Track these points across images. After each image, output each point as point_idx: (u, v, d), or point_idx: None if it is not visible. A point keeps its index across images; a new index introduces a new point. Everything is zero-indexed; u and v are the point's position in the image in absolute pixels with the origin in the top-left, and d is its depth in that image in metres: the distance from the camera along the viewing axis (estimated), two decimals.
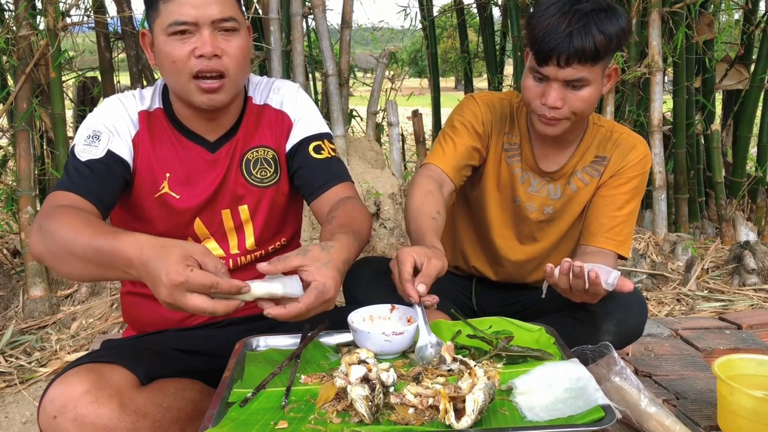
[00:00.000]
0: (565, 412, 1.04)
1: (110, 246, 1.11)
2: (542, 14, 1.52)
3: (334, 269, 1.18)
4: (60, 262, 1.20)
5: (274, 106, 1.55)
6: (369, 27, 4.95)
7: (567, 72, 1.51)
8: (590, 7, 1.49)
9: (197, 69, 1.35)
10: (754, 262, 3.07)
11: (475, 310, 1.91)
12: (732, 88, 3.92)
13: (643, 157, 1.73)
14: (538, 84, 1.57)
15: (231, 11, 1.37)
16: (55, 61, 2.83)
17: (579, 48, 1.48)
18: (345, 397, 1.06)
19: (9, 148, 3.37)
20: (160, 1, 1.35)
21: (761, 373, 1.51)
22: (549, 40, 1.48)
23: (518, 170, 1.77)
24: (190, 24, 1.34)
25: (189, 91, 1.39)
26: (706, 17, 3.62)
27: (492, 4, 4.17)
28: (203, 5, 1.33)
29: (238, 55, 1.39)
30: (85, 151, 1.38)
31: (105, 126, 1.42)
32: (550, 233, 1.80)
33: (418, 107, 4.50)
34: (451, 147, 1.72)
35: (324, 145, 1.54)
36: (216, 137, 1.49)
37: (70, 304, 2.80)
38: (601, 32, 1.48)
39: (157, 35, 1.37)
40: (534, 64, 1.55)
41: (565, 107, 1.57)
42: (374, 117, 3.80)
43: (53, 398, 1.15)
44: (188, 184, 1.47)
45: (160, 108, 1.49)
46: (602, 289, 1.38)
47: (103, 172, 1.37)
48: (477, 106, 1.76)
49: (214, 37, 1.35)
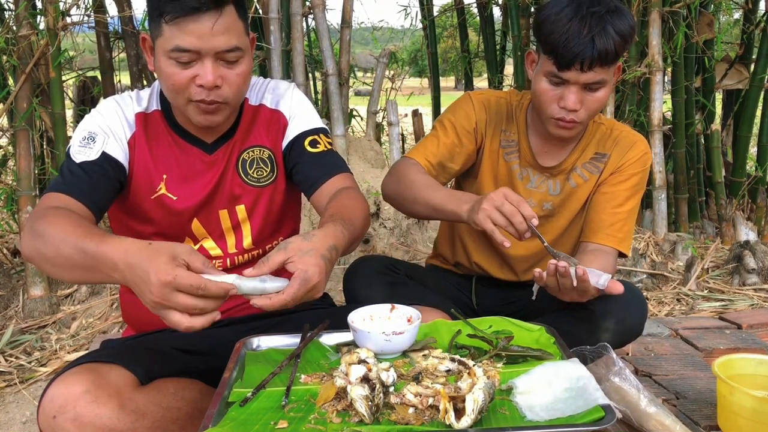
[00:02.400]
0: (565, 411, 1.04)
1: (95, 249, 1.11)
2: (557, 19, 1.51)
3: (317, 256, 1.15)
4: (49, 263, 1.20)
5: (270, 106, 1.55)
6: (369, 27, 4.95)
7: (588, 75, 1.52)
8: (604, 9, 1.50)
9: (197, 98, 1.34)
10: (754, 261, 3.07)
11: (475, 309, 1.91)
12: (732, 87, 3.92)
13: (644, 154, 1.73)
14: (555, 88, 1.57)
15: (236, 40, 1.32)
16: (55, 60, 2.83)
17: (602, 51, 1.48)
18: (345, 396, 1.06)
19: (9, 147, 3.36)
20: (163, 21, 1.29)
21: (761, 373, 1.51)
22: (573, 45, 1.48)
23: (516, 167, 1.77)
24: (192, 52, 1.30)
25: (187, 111, 1.39)
26: (706, 17, 3.62)
27: (492, 3, 4.17)
28: (208, 36, 1.28)
29: (239, 82, 1.37)
30: (80, 153, 1.38)
31: (100, 128, 1.42)
32: (550, 229, 1.80)
33: (418, 107, 4.50)
34: (434, 144, 1.74)
35: (320, 139, 1.53)
36: (213, 139, 1.50)
37: (70, 304, 2.80)
38: (617, 33, 1.49)
39: (158, 51, 1.34)
40: (552, 68, 1.54)
41: (582, 109, 1.57)
42: (374, 117, 3.80)
43: (53, 398, 1.15)
44: (185, 185, 1.47)
45: (158, 110, 1.49)
46: (590, 285, 1.39)
47: (96, 174, 1.37)
48: (471, 106, 1.77)
49: (216, 68, 1.32)
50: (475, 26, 5.12)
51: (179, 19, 1.27)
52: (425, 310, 1.43)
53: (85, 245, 1.12)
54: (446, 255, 1.97)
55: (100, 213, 1.37)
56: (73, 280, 1.26)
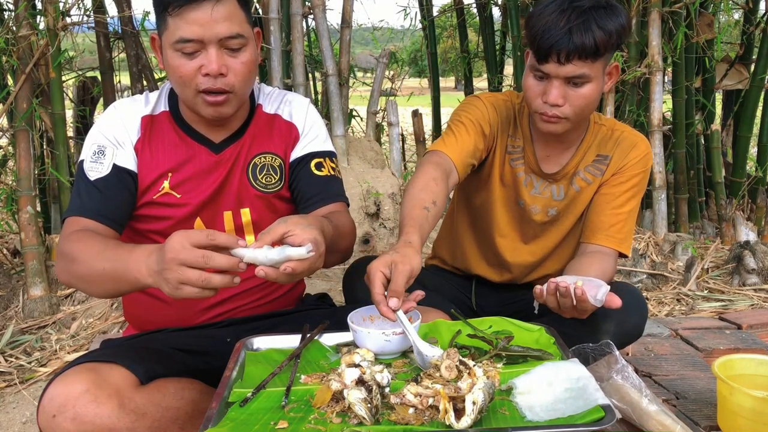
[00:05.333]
0: (566, 411, 1.04)
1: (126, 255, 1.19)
2: (541, 12, 1.52)
3: (316, 230, 1.19)
4: (84, 282, 1.29)
5: (285, 118, 1.57)
6: (369, 27, 4.95)
7: (567, 69, 1.51)
8: (589, 4, 1.50)
9: (203, 87, 1.37)
10: (754, 262, 3.07)
11: (474, 309, 1.91)
12: (732, 88, 3.92)
13: (645, 155, 1.73)
14: (539, 82, 1.57)
15: (238, 28, 1.36)
16: (55, 60, 2.83)
17: (579, 44, 1.48)
18: (342, 399, 1.06)
19: (9, 148, 3.36)
20: (168, 15, 1.34)
21: (761, 373, 1.51)
22: (548, 36, 1.49)
23: (522, 173, 1.76)
24: (196, 42, 1.34)
25: (195, 104, 1.41)
26: (706, 17, 3.62)
27: (492, 3, 4.17)
28: (210, 23, 1.33)
29: (244, 71, 1.40)
30: (93, 170, 1.43)
31: (108, 139, 1.45)
32: (554, 233, 1.80)
33: (418, 107, 4.50)
34: (461, 138, 1.68)
35: (325, 163, 1.57)
36: (221, 138, 1.51)
37: (70, 304, 2.80)
38: (600, 28, 1.49)
39: (165, 47, 1.39)
40: (534, 62, 1.55)
41: (567, 105, 1.57)
42: (374, 117, 3.80)
43: (52, 397, 1.16)
44: (190, 184, 1.48)
45: (166, 111, 1.51)
46: (590, 305, 1.39)
47: (111, 190, 1.42)
48: (484, 107, 1.74)
49: (220, 56, 1.36)
50: (475, 26, 5.12)
51: (181, 9, 1.32)
52: (425, 310, 1.43)
53: (116, 255, 1.21)
54: (445, 258, 1.97)
55: (121, 227, 1.44)
56: (107, 293, 1.31)
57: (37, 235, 2.80)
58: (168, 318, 1.53)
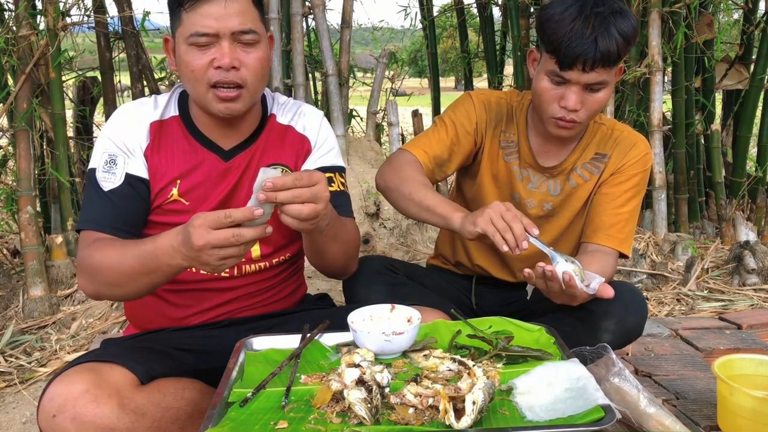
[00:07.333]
0: (566, 412, 1.04)
1: (152, 247, 1.24)
2: (560, 18, 1.51)
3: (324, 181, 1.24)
4: (115, 287, 1.32)
5: (298, 130, 1.58)
6: (369, 27, 4.95)
7: (590, 76, 1.52)
8: (608, 10, 1.50)
9: (215, 80, 1.38)
10: (754, 262, 3.07)
11: (474, 309, 1.91)
12: (732, 88, 3.92)
13: (644, 155, 1.73)
14: (556, 87, 1.58)
15: (251, 24, 1.39)
16: (55, 61, 2.83)
17: (604, 52, 1.49)
18: (342, 399, 1.06)
19: (9, 148, 3.36)
20: (182, 11, 1.37)
21: (761, 373, 1.51)
22: (575, 45, 1.49)
23: (516, 167, 1.77)
24: (210, 35, 1.36)
25: (207, 100, 1.41)
26: (706, 17, 3.62)
27: (492, 3, 4.17)
28: (224, 17, 1.35)
29: (256, 67, 1.41)
30: (106, 180, 1.43)
31: (118, 147, 1.45)
32: (550, 229, 1.80)
33: (418, 107, 4.50)
34: (434, 140, 1.74)
35: (335, 178, 1.58)
36: (231, 146, 1.50)
37: (70, 304, 2.80)
38: (620, 34, 1.50)
39: (178, 43, 1.40)
40: (555, 67, 1.55)
41: (583, 110, 1.57)
42: (374, 117, 3.80)
43: (52, 397, 1.16)
44: (198, 192, 1.48)
45: (176, 115, 1.50)
46: (580, 292, 1.40)
47: (125, 200, 1.43)
48: (472, 105, 1.77)
49: (233, 49, 1.37)
50: (475, 26, 5.12)
51: (195, 4, 1.35)
52: (425, 310, 1.43)
53: (141, 250, 1.25)
54: (447, 255, 1.97)
55: (137, 237, 1.43)
56: (142, 290, 1.33)
57: (37, 235, 2.80)
58: (168, 318, 1.52)
